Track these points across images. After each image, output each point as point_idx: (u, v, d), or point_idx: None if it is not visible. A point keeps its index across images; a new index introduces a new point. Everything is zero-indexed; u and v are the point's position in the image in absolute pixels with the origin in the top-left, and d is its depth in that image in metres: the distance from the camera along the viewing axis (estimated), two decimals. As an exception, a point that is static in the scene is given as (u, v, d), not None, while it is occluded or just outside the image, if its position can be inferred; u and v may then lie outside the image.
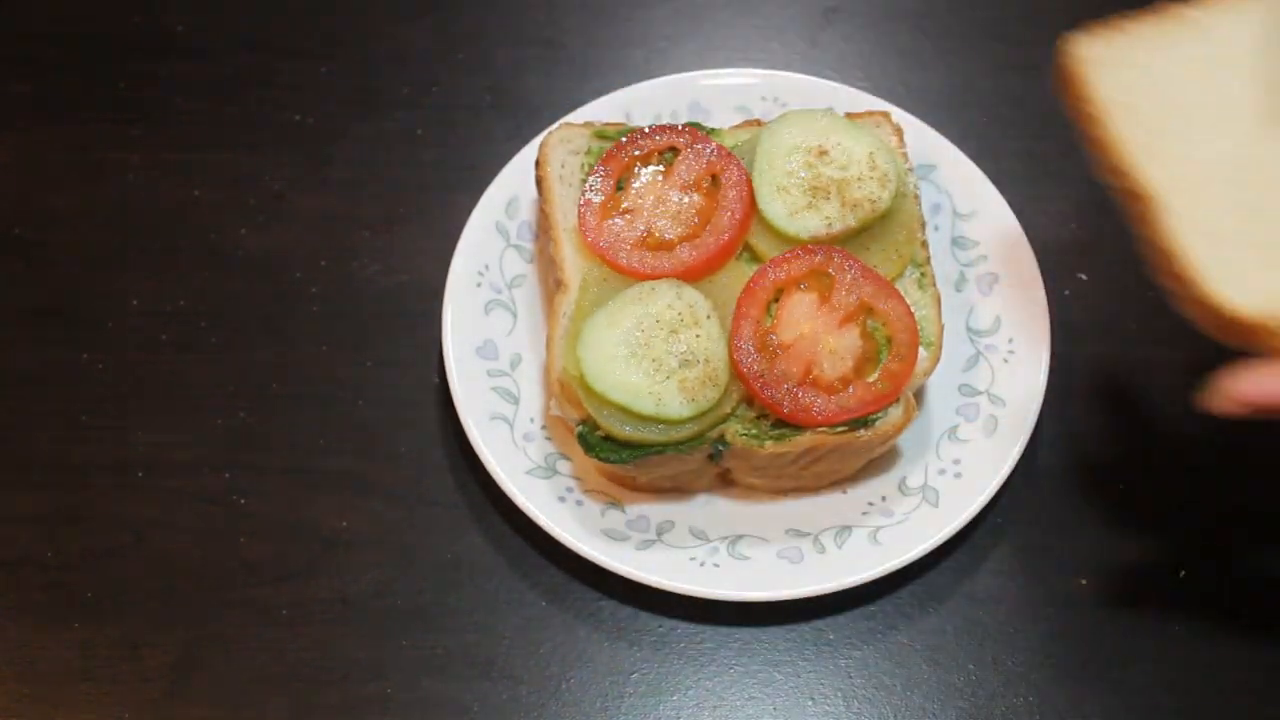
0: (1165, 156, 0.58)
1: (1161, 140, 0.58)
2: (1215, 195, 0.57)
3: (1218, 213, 0.56)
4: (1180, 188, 0.57)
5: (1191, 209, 0.56)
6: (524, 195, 0.79)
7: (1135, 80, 0.59)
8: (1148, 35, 0.61)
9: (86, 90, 0.88)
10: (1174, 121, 0.59)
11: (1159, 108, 0.59)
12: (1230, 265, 0.55)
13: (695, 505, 0.73)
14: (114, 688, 0.69)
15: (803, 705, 0.69)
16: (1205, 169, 0.57)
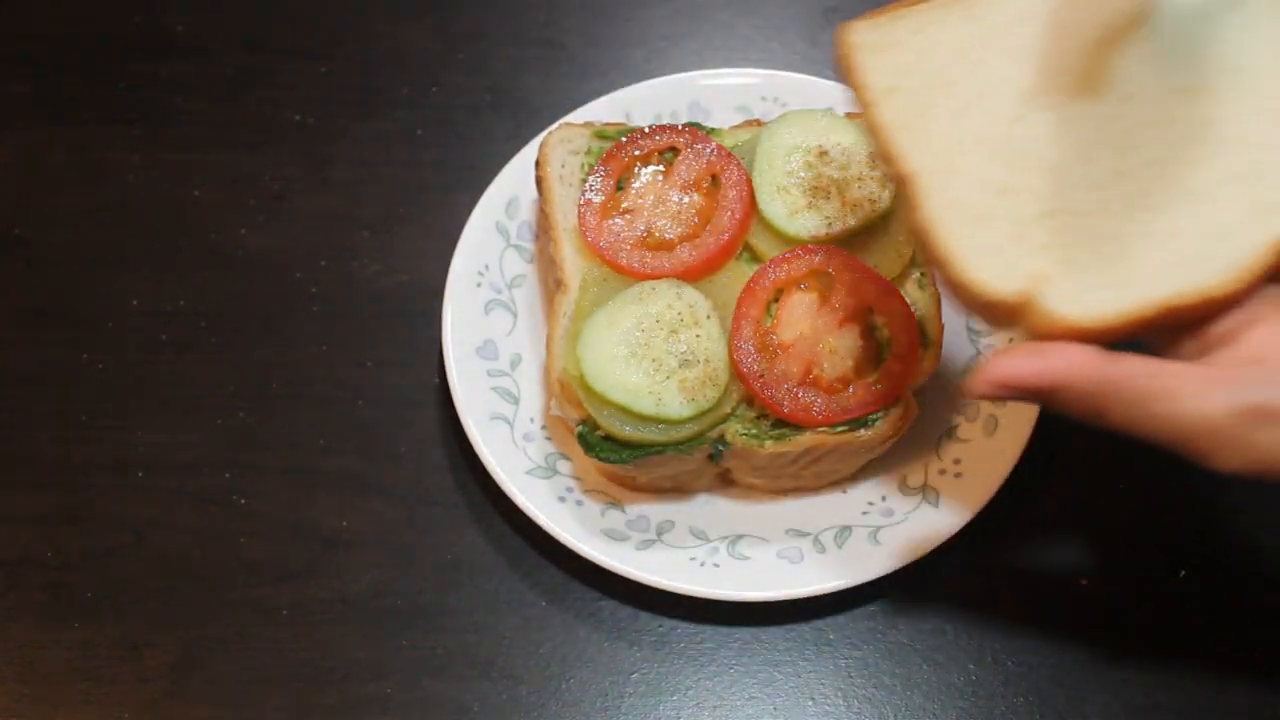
0: (927, 138, 0.57)
1: (923, 122, 0.57)
2: (974, 175, 0.56)
3: (976, 193, 0.55)
4: (940, 169, 0.56)
5: (950, 190, 0.55)
6: (524, 195, 0.79)
7: (900, 63, 0.58)
8: (915, 18, 0.60)
9: (86, 90, 0.88)
10: (937, 102, 0.57)
11: (922, 89, 0.58)
12: (988, 246, 0.54)
13: (695, 505, 0.73)
14: (114, 688, 0.69)
15: (803, 705, 0.69)
16: (965, 149, 0.56)
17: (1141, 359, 0.51)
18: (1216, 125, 0.55)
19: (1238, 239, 0.53)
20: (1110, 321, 0.52)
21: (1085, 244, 0.54)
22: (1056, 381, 0.51)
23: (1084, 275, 0.53)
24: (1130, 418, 0.51)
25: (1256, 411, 0.49)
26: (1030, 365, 0.51)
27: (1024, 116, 0.57)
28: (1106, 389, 0.50)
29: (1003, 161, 0.56)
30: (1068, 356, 0.51)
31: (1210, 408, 0.49)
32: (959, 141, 0.56)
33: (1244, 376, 0.50)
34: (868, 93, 0.58)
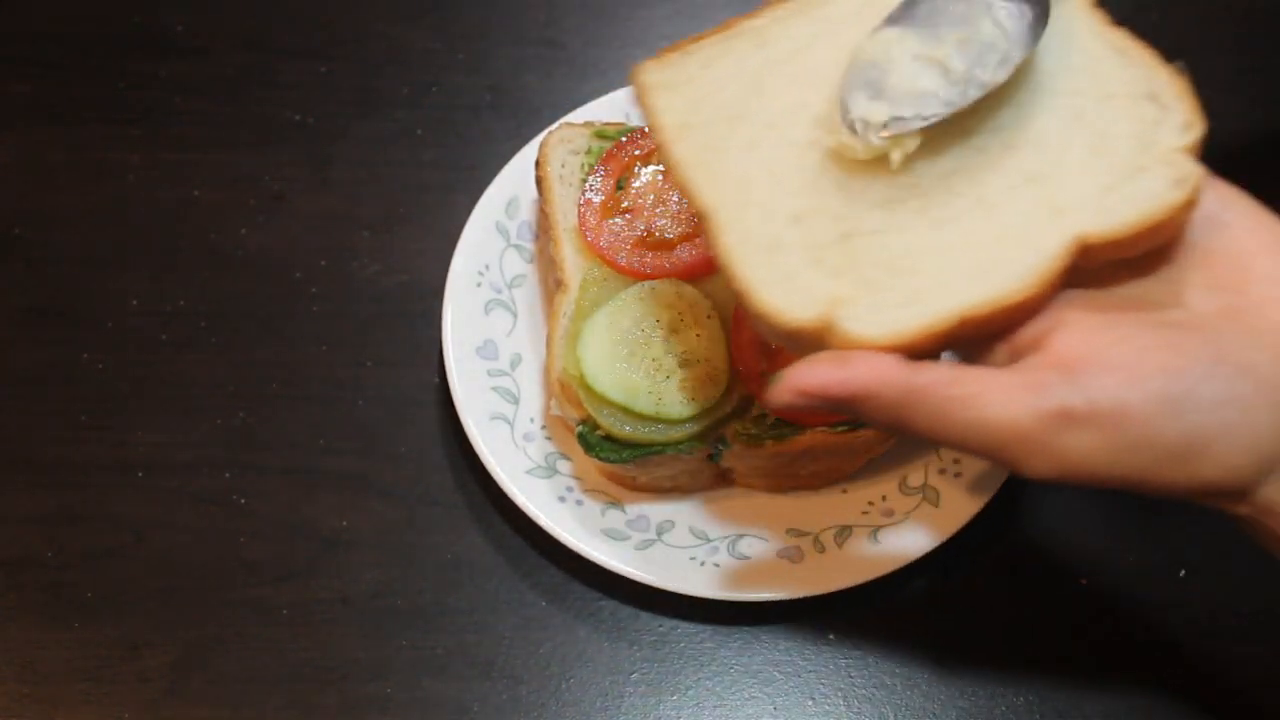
0: (720, 173, 0.56)
1: (716, 157, 0.56)
2: (768, 206, 0.55)
3: (770, 223, 0.54)
4: (734, 203, 0.55)
5: (745, 223, 0.54)
6: (524, 195, 0.79)
7: (692, 99, 0.58)
8: (705, 51, 0.59)
9: (86, 90, 0.88)
10: (729, 136, 0.56)
11: (714, 124, 0.57)
12: (785, 275, 0.53)
13: (695, 505, 0.73)
14: (114, 688, 0.69)
15: (803, 705, 0.69)
16: (758, 181, 0.55)
17: (945, 366, 0.50)
18: (1006, 129, 0.55)
19: (1032, 243, 0.52)
20: (910, 338, 0.51)
21: (881, 263, 0.53)
22: (859, 391, 0.50)
23: (881, 294, 0.52)
24: (936, 426, 0.50)
25: (1060, 415, 0.48)
26: (833, 374, 0.50)
27: (816, 141, 0.56)
28: (911, 398, 0.50)
29: (795, 189, 0.55)
30: (871, 365, 0.50)
31: (1015, 413, 0.49)
32: (751, 174, 0.56)
33: (1047, 381, 0.49)
34: (662, 132, 0.57)
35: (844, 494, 0.73)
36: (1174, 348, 0.49)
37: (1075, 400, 0.48)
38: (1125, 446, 0.49)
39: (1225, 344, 0.50)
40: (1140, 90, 0.54)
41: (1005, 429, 0.49)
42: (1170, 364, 0.49)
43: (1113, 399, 0.48)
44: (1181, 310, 0.52)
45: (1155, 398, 0.48)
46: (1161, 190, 0.52)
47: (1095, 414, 0.48)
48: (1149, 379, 0.48)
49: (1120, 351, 0.49)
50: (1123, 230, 0.51)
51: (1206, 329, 0.50)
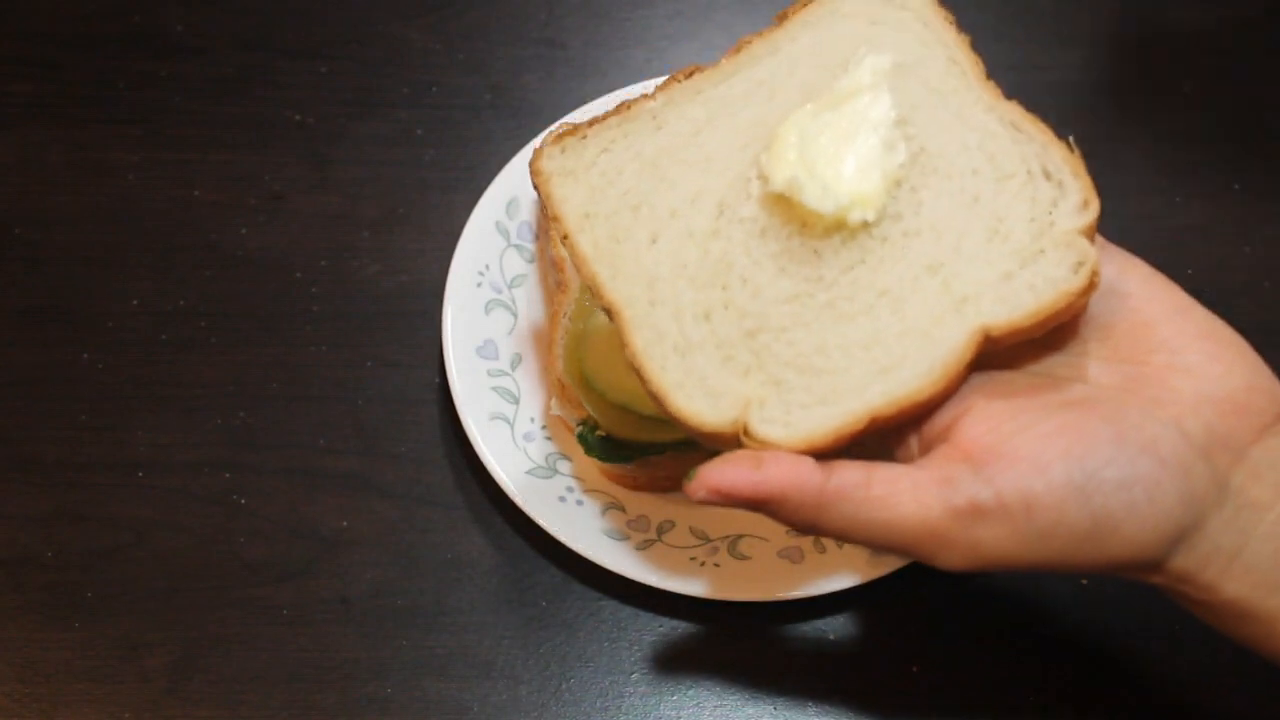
0: (625, 267, 0.54)
1: (620, 249, 0.55)
2: (675, 303, 0.54)
3: (679, 322, 0.53)
4: (641, 299, 0.54)
5: (654, 321, 0.53)
6: (524, 195, 0.79)
7: (592, 187, 0.56)
8: (604, 134, 0.57)
9: (86, 90, 0.88)
10: (631, 227, 0.55)
11: (616, 214, 0.55)
12: (696, 376, 0.53)
13: (695, 505, 0.72)
14: (114, 688, 0.69)
15: (803, 705, 0.69)
16: (663, 276, 0.54)
17: (857, 467, 0.51)
18: (906, 216, 0.54)
19: (936, 337, 0.52)
20: (821, 440, 0.51)
21: (789, 361, 0.53)
22: (773, 494, 0.50)
23: (791, 394, 0.52)
24: (850, 527, 0.51)
25: (971, 510, 0.49)
26: (747, 476, 0.50)
27: (719, 231, 0.55)
28: (824, 500, 0.50)
29: (702, 284, 0.54)
30: (784, 468, 0.50)
31: (926, 511, 0.50)
32: (656, 268, 0.54)
33: (956, 475, 0.50)
34: (565, 222, 0.56)
35: (844, 494, 0.73)
36: (1077, 431, 0.50)
37: (984, 494, 0.49)
38: (1035, 535, 0.50)
39: (1126, 421, 0.50)
40: (1036, 167, 0.54)
41: (918, 526, 0.50)
42: (1074, 449, 0.50)
43: (1020, 490, 0.49)
44: (1084, 386, 0.53)
45: (1060, 485, 0.49)
46: (1061, 275, 0.52)
47: (1004, 506, 0.49)
48: (1053, 466, 0.49)
49: (1025, 440, 0.50)
50: (1024, 319, 0.52)
51: (1108, 406, 0.51)
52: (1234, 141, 0.87)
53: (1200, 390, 0.51)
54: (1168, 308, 0.54)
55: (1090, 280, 0.52)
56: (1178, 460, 0.50)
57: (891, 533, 0.50)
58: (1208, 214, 0.84)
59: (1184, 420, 0.51)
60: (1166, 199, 0.83)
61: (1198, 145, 0.86)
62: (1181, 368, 0.52)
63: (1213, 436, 0.51)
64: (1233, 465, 0.51)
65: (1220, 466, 0.51)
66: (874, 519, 0.50)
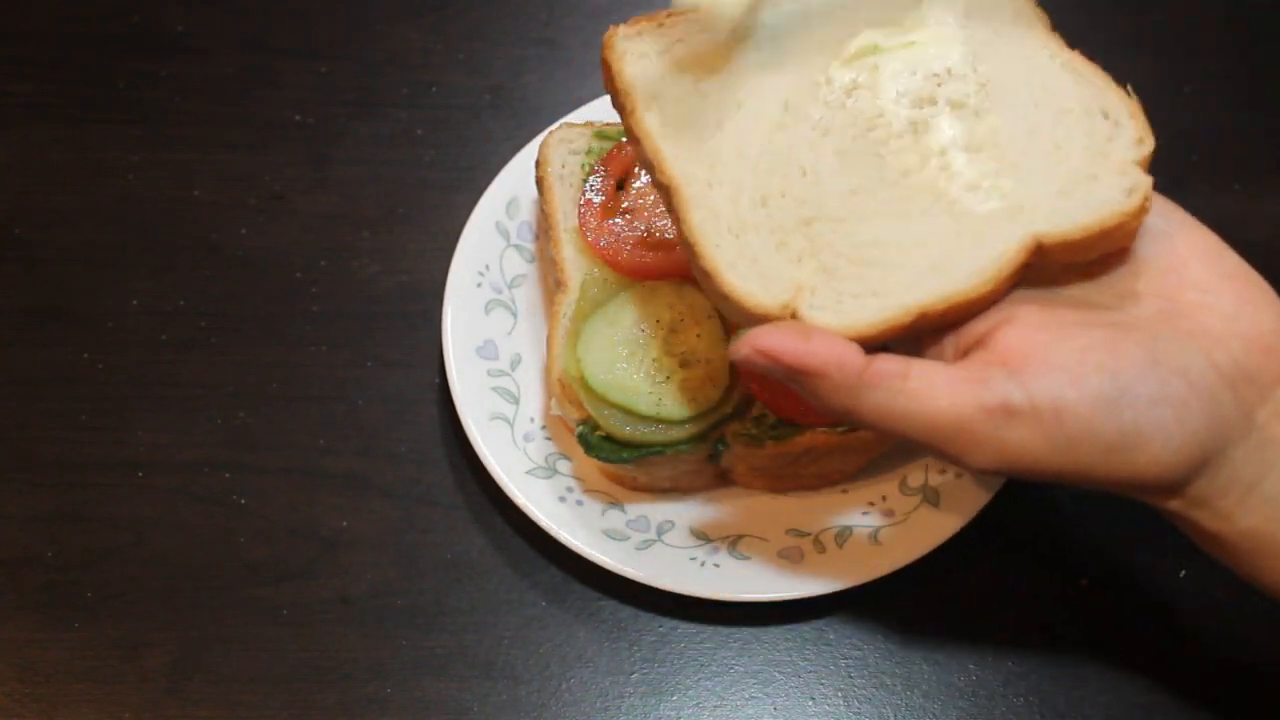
0: (688, 148, 0.57)
1: (686, 131, 0.57)
2: (735, 186, 0.56)
3: (737, 204, 0.55)
4: (701, 180, 0.56)
5: (712, 201, 0.55)
6: (524, 195, 0.79)
7: (663, 70, 0.58)
8: (681, 26, 0.59)
9: (86, 90, 0.88)
10: (699, 112, 0.57)
11: (685, 98, 0.58)
12: (750, 258, 0.54)
13: (695, 505, 0.73)
14: (114, 688, 0.69)
15: (803, 705, 0.69)
16: (726, 160, 0.56)
17: (896, 359, 0.52)
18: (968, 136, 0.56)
19: (988, 242, 0.54)
20: (868, 330, 0.53)
21: (843, 251, 0.54)
22: (815, 366, 0.51)
23: (842, 283, 0.54)
24: (884, 414, 0.52)
25: (1002, 410, 0.50)
26: (793, 344, 0.52)
27: (784, 124, 0.57)
28: (862, 384, 0.51)
29: (763, 171, 0.56)
30: (830, 346, 0.52)
31: (960, 406, 0.51)
32: (720, 152, 0.57)
33: (991, 376, 0.51)
34: (630, 98, 0.58)
35: (844, 494, 0.73)
36: (1112, 348, 0.51)
37: (1017, 396, 0.50)
38: (1064, 441, 0.51)
39: (1160, 346, 0.52)
40: (1094, 107, 0.56)
41: (949, 421, 0.51)
42: (1108, 364, 0.51)
43: (1053, 396, 0.50)
44: (1121, 313, 0.54)
45: (1093, 396, 0.50)
46: (1114, 197, 0.54)
47: (1036, 410, 0.50)
48: (1088, 377, 0.51)
49: (1061, 350, 0.51)
50: (1076, 232, 0.53)
51: (1143, 331, 0.52)
52: (1234, 141, 0.87)
53: (1230, 327, 0.53)
54: (1203, 249, 0.55)
55: (1142, 204, 0.53)
56: (1206, 387, 0.51)
57: (924, 425, 0.51)
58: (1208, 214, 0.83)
59: (1213, 352, 0.52)
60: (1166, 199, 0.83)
61: (1198, 145, 0.86)
62: (1213, 306, 0.54)
63: (1240, 371, 0.52)
64: (1258, 401, 0.52)
65: (1246, 400, 0.52)
66: (908, 409, 0.51)
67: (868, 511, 0.72)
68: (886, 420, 0.52)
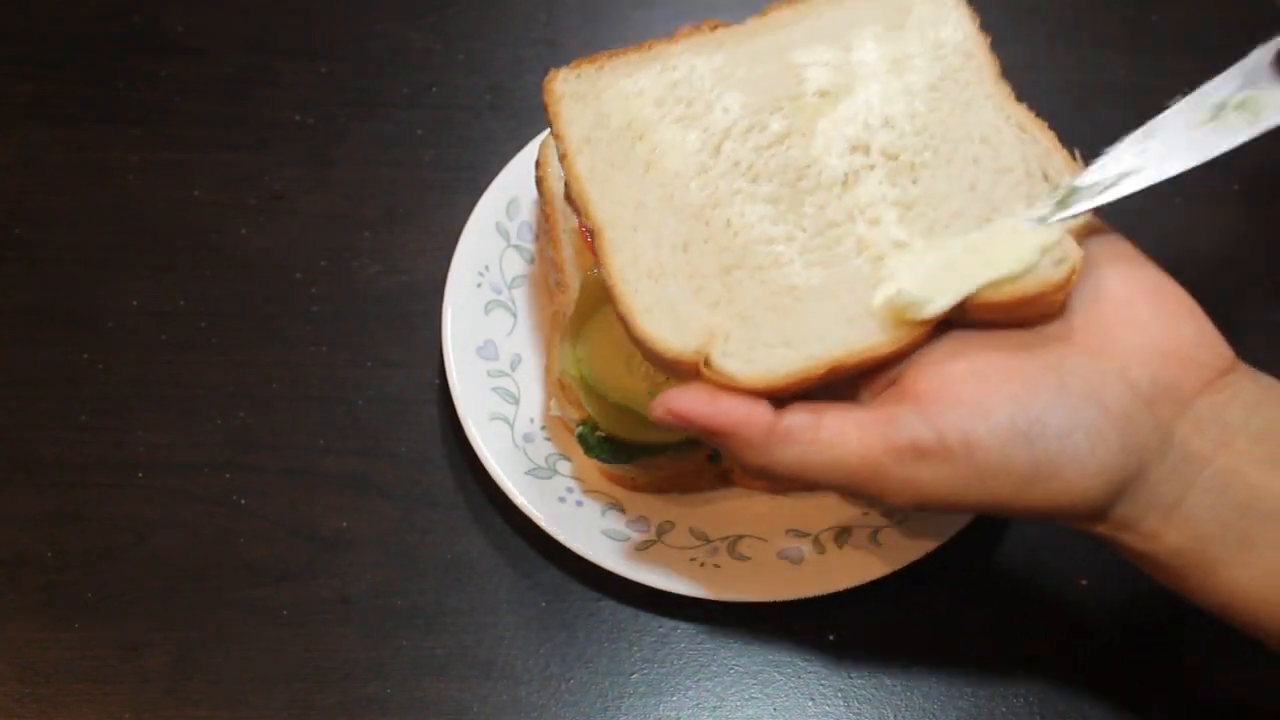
0: (615, 192, 0.57)
1: (614, 175, 0.57)
2: (657, 231, 0.56)
3: (658, 249, 0.55)
4: (625, 224, 0.56)
5: (633, 246, 0.55)
6: (524, 195, 0.79)
7: (598, 113, 0.59)
8: (618, 67, 0.60)
9: (86, 90, 0.88)
10: (628, 156, 0.58)
11: (616, 141, 0.58)
12: (667, 303, 0.54)
13: (695, 505, 0.73)
14: (114, 688, 0.69)
15: (803, 705, 0.69)
16: (650, 205, 0.56)
17: (806, 409, 0.52)
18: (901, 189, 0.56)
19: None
20: (780, 382, 0.53)
21: (760, 299, 0.54)
22: (724, 427, 0.52)
23: (757, 331, 0.54)
24: (797, 467, 0.52)
25: (912, 449, 0.51)
26: (703, 406, 0.52)
27: (713, 169, 0.57)
28: (771, 440, 0.52)
29: (686, 217, 0.56)
30: (736, 407, 0.52)
31: (869, 448, 0.51)
32: (644, 196, 0.57)
33: (899, 416, 0.51)
34: (564, 142, 0.58)
35: (844, 494, 0.73)
36: (1022, 377, 0.51)
37: (925, 434, 0.50)
38: (976, 475, 0.51)
39: (1073, 370, 0.51)
40: (1035, 168, 0.56)
41: (861, 465, 0.51)
42: (1019, 394, 0.51)
43: (961, 430, 0.50)
44: (1031, 333, 0.53)
45: (1003, 428, 0.50)
46: (1042, 266, 0.53)
47: (945, 446, 0.50)
48: (997, 410, 0.50)
49: (969, 384, 0.51)
50: (999, 297, 0.52)
51: (1056, 354, 0.52)
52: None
53: (1146, 342, 0.52)
54: (1121, 261, 0.55)
55: (1069, 277, 0.52)
56: (1121, 409, 0.51)
57: (838, 472, 0.52)
58: (1208, 214, 0.84)
59: (1129, 370, 0.52)
60: (1166, 199, 0.83)
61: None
62: (1129, 320, 0.53)
63: (1157, 387, 0.52)
64: (1176, 417, 0.52)
65: (1164, 418, 0.51)
66: (821, 459, 0.52)
67: (868, 512, 0.72)
68: (802, 472, 0.52)
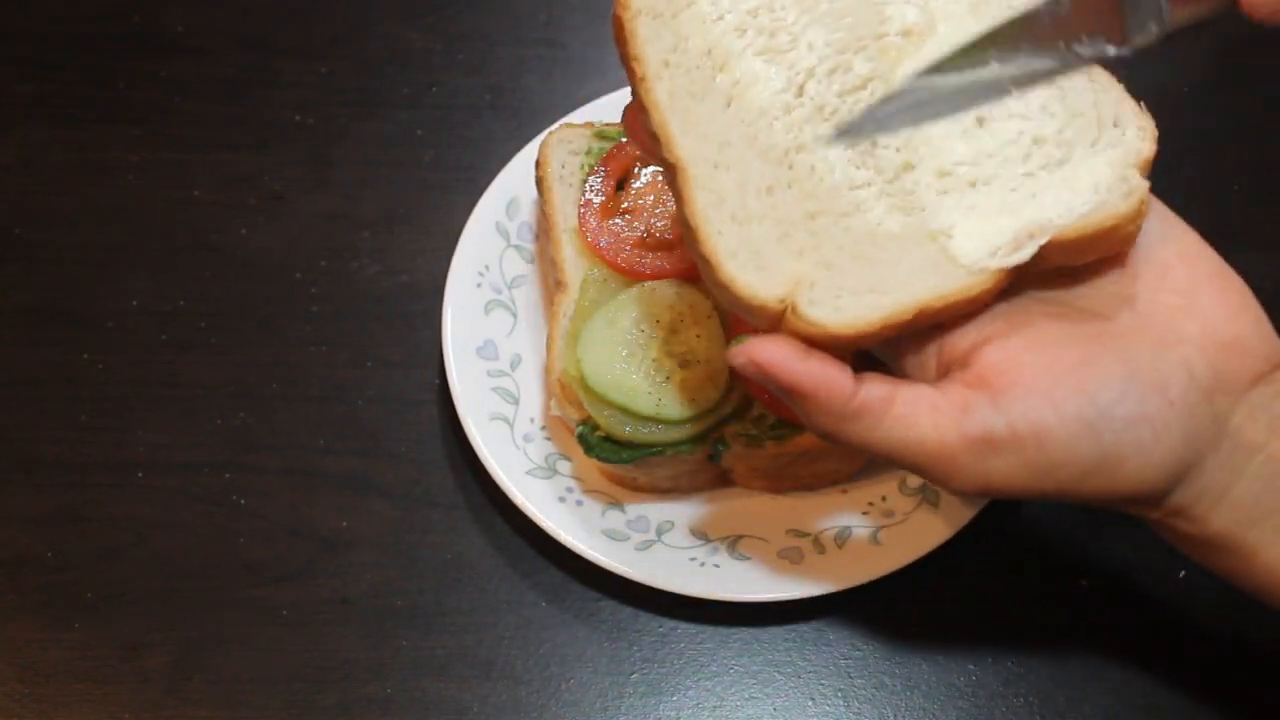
0: (697, 125, 0.54)
1: (695, 106, 0.54)
2: (742, 172, 0.54)
3: (743, 191, 0.53)
4: (708, 160, 0.54)
5: (717, 186, 0.53)
6: (524, 195, 0.79)
7: (678, 33, 0.55)
8: None
9: (86, 90, 0.88)
10: (709, 85, 0.55)
11: (697, 68, 0.55)
12: (752, 249, 0.53)
13: (695, 505, 0.73)
14: (114, 688, 0.69)
15: (803, 705, 0.69)
16: (734, 142, 0.54)
17: (883, 384, 0.53)
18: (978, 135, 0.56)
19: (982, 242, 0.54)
20: (866, 328, 0.52)
21: (845, 246, 0.54)
22: (807, 389, 0.52)
23: (842, 279, 0.53)
24: (867, 439, 0.53)
25: (984, 441, 0.51)
26: (790, 364, 0.52)
27: (792, 110, 0.55)
28: (848, 411, 0.52)
29: (772, 159, 0.55)
30: (824, 370, 0.52)
31: (943, 435, 0.52)
32: (728, 132, 0.54)
33: (973, 404, 0.52)
34: (641, 64, 0.55)
35: (844, 494, 0.73)
36: (1090, 366, 0.52)
37: (998, 426, 0.51)
38: (1044, 466, 0.51)
39: (1139, 360, 0.52)
40: (1108, 115, 0.56)
41: (933, 450, 0.52)
42: (1086, 385, 0.51)
43: (1033, 422, 0.51)
44: (1101, 323, 0.54)
45: (1072, 419, 0.51)
46: (1111, 200, 0.53)
47: (1017, 437, 0.51)
48: (1067, 400, 0.51)
49: (1040, 373, 0.52)
50: (1072, 232, 0.53)
51: (1122, 344, 0.53)
52: (1234, 142, 0.87)
53: (1208, 332, 0.53)
54: (1185, 252, 0.56)
55: (1138, 208, 0.53)
56: (1184, 401, 0.52)
57: (908, 452, 0.52)
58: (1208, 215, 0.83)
59: (1192, 361, 0.53)
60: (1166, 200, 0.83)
61: (1197, 146, 0.86)
62: (1191, 310, 0.54)
63: (1217, 379, 0.53)
64: (1232, 406, 0.53)
65: (1221, 408, 0.53)
66: (892, 437, 0.52)
67: (868, 511, 0.72)
68: (871, 445, 0.53)
